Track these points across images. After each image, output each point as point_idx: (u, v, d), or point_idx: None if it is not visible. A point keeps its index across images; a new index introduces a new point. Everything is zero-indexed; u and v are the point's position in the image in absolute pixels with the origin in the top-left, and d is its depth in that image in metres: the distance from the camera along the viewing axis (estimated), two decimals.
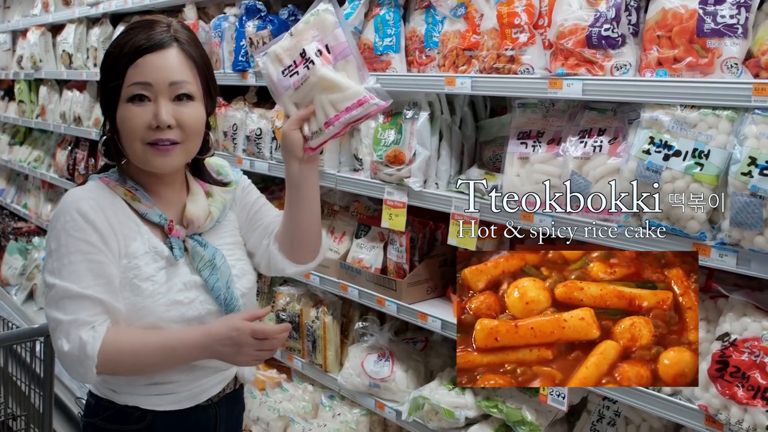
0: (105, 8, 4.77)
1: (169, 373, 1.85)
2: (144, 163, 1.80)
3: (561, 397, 2.31)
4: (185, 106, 1.77)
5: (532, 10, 2.28)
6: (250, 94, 3.76)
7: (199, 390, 1.91)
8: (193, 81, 1.79)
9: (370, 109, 1.75)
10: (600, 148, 2.14)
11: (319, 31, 1.81)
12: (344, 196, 3.39)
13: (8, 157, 6.85)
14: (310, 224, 1.97)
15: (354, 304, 3.33)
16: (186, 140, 1.79)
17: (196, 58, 1.81)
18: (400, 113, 2.73)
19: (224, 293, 1.85)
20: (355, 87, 1.76)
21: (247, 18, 3.38)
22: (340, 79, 1.76)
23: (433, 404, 2.67)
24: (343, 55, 1.79)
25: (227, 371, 1.98)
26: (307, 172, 1.89)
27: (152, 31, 1.77)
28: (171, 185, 1.90)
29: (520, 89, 2.29)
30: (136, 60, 1.74)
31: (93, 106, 5.24)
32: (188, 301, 1.81)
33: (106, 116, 1.83)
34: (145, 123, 1.74)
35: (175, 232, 1.84)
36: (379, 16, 2.83)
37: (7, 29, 6.50)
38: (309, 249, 2.02)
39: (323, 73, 1.76)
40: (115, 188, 1.83)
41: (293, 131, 1.83)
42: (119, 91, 1.75)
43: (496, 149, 2.74)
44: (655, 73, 2.01)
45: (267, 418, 3.37)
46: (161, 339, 1.75)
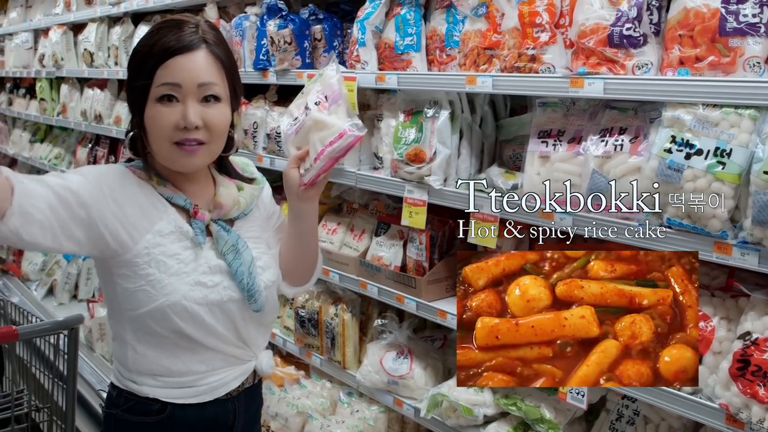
0: (126, 7, 4.80)
1: (187, 363, 1.87)
2: (170, 163, 1.83)
3: (581, 396, 2.31)
4: (212, 108, 1.80)
5: (554, 10, 2.29)
6: (271, 93, 3.78)
7: (218, 383, 1.93)
8: (220, 82, 1.81)
9: (348, 140, 1.87)
10: (621, 146, 2.14)
11: (321, 86, 2.01)
12: (363, 194, 3.40)
13: (29, 154, 6.91)
14: (307, 254, 2.10)
15: (373, 302, 3.35)
16: (211, 141, 1.82)
17: (223, 59, 1.83)
18: (421, 112, 2.74)
19: (246, 279, 1.88)
20: (338, 124, 1.90)
21: (268, 17, 3.39)
22: (328, 118, 1.92)
23: (452, 401, 2.69)
24: (335, 101, 1.96)
25: (246, 364, 2.00)
26: (305, 206, 2.00)
27: (181, 32, 1.78)
28: (195, 181, 1.93)
29: (542, 88, 2.30)
30: (166, 61, 1.76)
31: (113, 104, 5.29)
32: (212, 284, 1.84)
33: (133, 113, 1.85)
34: (173, 123, 1.76)
35: (199, 215, 1.87)
36: (400, 15, 2.84)
37: (29, 28, 6.55)
38: (304, 275, 2.15)
39: (316, 115, 1.93)
40: (140, 175, 1.87)
41: (291, 170, 1.96)
42: (148, 90, 1.77)
43: (516, 148, 2.75)
44: (676, 72, 2.02)
45: (285, 414, 3.39)
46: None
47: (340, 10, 3.42)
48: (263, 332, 2.04)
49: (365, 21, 2.90)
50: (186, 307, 1.80)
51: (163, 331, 1.83)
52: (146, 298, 1.79)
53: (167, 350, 1.86)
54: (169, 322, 1.81)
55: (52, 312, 5.55)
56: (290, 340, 3.60)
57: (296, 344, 3.54)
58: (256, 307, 1.90)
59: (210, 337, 1.87)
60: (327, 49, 3.29)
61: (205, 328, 1.85)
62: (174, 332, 1.83)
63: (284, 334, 3.67)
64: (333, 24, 3.29)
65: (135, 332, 1.86)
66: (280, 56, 3.31)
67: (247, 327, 1.95)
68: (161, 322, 1.82)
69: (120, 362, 1.93)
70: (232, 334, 1.92)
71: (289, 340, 3.61)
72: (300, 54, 3.28)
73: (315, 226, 2.09)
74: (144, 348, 1.87)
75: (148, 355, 1.87)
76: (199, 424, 1.93)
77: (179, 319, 1.81)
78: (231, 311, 1.89)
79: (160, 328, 1.83)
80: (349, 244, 3.26)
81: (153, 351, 1.86)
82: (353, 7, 3.19)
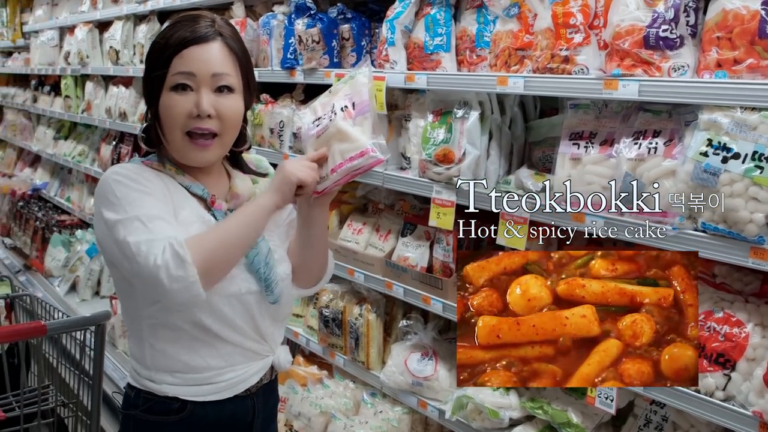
0: (153, 5, 4.83)
1: (206, 358, 1.88)
2: (182, 155, 1.86)
3: (609, 400, 2.29)
4: (225, 98, 1.83)
5: (588, 11, 2.27)
6: (297, 92, 3.78)
7: (237, 380, 1.94)
8: (234, 74, 1.85)
9: (369, 160, 1.83)
10: (655, 149, 2.13)
11: (350, 90, 1.95)
12: (389, 194, 3.39)
13: (53, 151, 6.96)
14: (315, 258, 2.06)
15: (397, 303, 3.33)
16: (224, 131, 1.85)
17: (238, 52, 1.87)
18: (450, 112, 2.73)
19: (263, 269, 1.89)
20: (362, 140, 1.85)
21: (296, 16, 3.39)
22: (353, 131, 1.87)
23: (478, 404, 2.67)
24: (363, 112, 1.89)
25: (264, 360, 2.00)
26: (316, 211, 1.97)
27: (197, 24, 1.83)
28: (209, 173, 1.96)
29: (575, 90, 2.28)
30: (181, 51, 1.80)
31: (138, 102, 5.31)
32: (230, 275, 1.84)
33: (149, 105, 1.88)
34: (186, 111, 1.80)
35: (217, 204, 1.90)
36: (429, 15, 2.83)
37: (55, 26, 6.60)
38: (311, 278, 2.10)
39: (340, 125, 1.88)
40: (158, 167, 1.89)
41: None
42: (163, 80, 1.81)
43: (545, 150, 2.73)
44: (714, 74, 1.99)
45: (309, 414, 3.39)
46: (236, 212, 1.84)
47: (368, 9, 3.42)
48: (279, 327, 2.04)
49: (395, 20, 2.89)
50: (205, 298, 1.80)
51: (182, 323, 1.83)
52: None
53: (185, 345, 1.86)
54: (188, 314, 1.82)
55: (75, 308, 5.58)
56: (314, 340, 3.59)
57: (320, 344, 3.54)
58: (273, 298, 1.92)
59: (228, 329, 1.88)
60: (355, 49, 3.29)
61: (224, 320, 1.86)
62: (192, 324, 1.83)
63: (308, 334, 3.67)
64: (361, 23, 3.29)
65: (152, 328, 1.87)
66: (307, 55, 3.30)
67: (264, 321, 1.95)
68: (180, 314, 1.82)
69: (137, 361, 1.94)
70: (249, 327, 1.92)
71: (312, 339, 3.61)
72: (328, 53, 3.28)
73: (324, 232, 2.05)
74: (162, 344, 1.87)
75: (166, 351, 1.87)
76: (218, 422, 1.93)
77: (197, 309, 1.81)
78: (248, 303, 1.89)
79: (179, 320, 1.83)
80: (375, 244, 3.25)
81: (171, 346, 1.87)
82: (381, 7, 3.18)
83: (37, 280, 6.38)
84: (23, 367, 2.89)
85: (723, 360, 2.02)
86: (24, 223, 7.10)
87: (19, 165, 8.61)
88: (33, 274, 6.54)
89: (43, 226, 6.65)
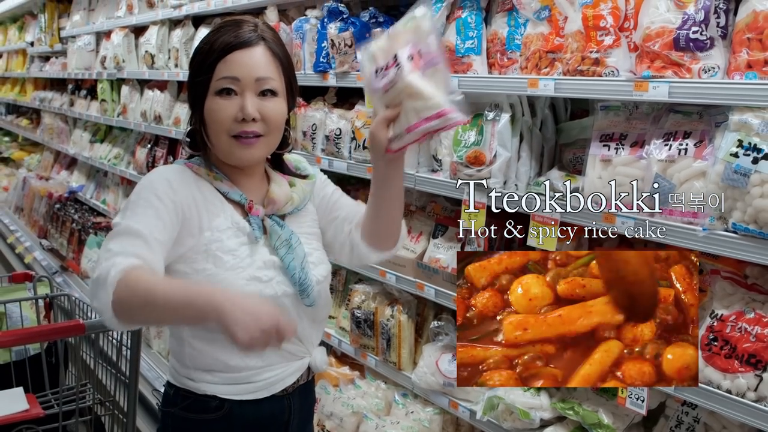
0: (188, 10, 4.89)
1: (244, 358, 1.90)
2: (228, 155, 1.89)
3: (640, 401, 2.30)
4: (269, 101, 1.86)
5: (618, 13, 2.28)
6: (330, 95, 3.82)
7: (275, 379, 1.96)
8: (277, 78, 1.88)
9: (448, 122, 1.74)
10: (685, 151, 2.13)
11: (413, 36, 1.80)
12: (421, 196, 3.42)
13: (89, 154, 7.07)
14: (392, 216, 2.02)
15: (429, 304, 3.36)
16: (268, 133, 1.88)
17: (280, 56, 1.90)
18: (481, 114, 2.75)
19: (299, 273, 1.90)
20: (437, 98, 1.74)
21: (329, 20, 3.43)
22: (425, 87, 1.75)
23: (508, 404, 2.69)
24: (432, 64, 1.78)
25: (301, 361, 2.02)
26: (392, 170, 1.93)
27: (240, 30, 1.86)
28: (251, 176, 1.99)
29: (605, 91, 2.29)
30: (226, 56, 1.83)
31: (173, 105, 5.38)
32: (267, 279, 1.87)
33: (193, 109, 1.92)
34: (232, 115, 1.83)
35: (254, 210, 1.92)
36: (461, 18, 2.85)
37: (92, 31, 6.70)
38: (390, 237, 2.07)
39: (410, 80, 1.75)
40: (198, 171, 1.92)
41: (380, 131, 1.83)
42: (208, 84, 1.84)
43: (576, 151, 2.74)
44: (744, 75, 2.00)
45: (340, 414, 3.42)
46: (176, 286, 1.65)
47: (400, 13, 3.43)
48: (317, 328, 2.06)
49: None
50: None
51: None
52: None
53: (224, 344, 1.88)
54: None
55: None
56: (345, 341, 3.63)
57: (351, 345, 3.57)
58: (309, 301, 1.93)
59: None
60: None
61: None
62: None
63: (339, 335, 3.70)
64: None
65: (191, 328, 1.90)
66: (340, 59, 3.34)
67: (302, 322, 1.97)
68: None
69: (177, 359, 1.97)
70: None
71: (344, 340, 3.64)
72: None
73: (401, 187, 1.98)
74: (201, 344, 1.90)
75: (204, 351, 1.90)
76: (256, 421, 1.96)
77: None
78: (285, 306, 1.91)
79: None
80: (406, 245, 3.27)
81: (210, 346, 1.90)
82: None
83: (73, 280, 6.48)
84: (62, 366, 2.95)
85: (755, 361, 2.01)
86: (61, 225, 7.22)
87: (55, 168, 8.76)
88: (69, 275, 6.65)
89: (80, 228, 6.75)
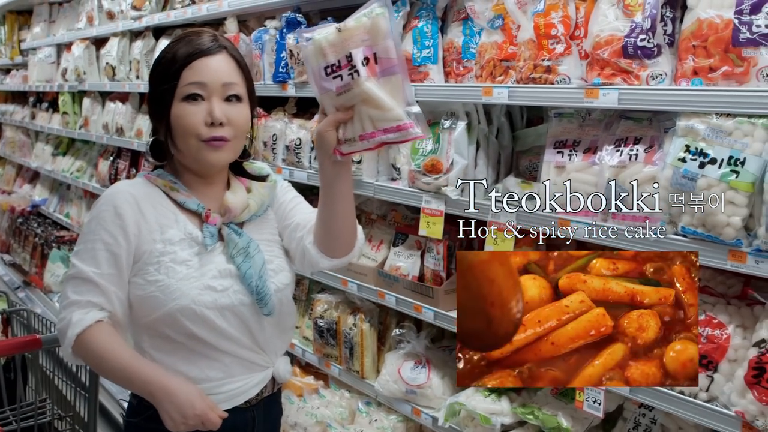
0: (148, 22, 4.88)
1: (204, 369, 1.91)
2: (196, 160, 1.91)
3: (597, 404, 2.32)
4: (235, 106, 1.89)
5: (569, 21, 2.31)
6: (290, 105, 3.82)
7: (237, 391, 1.96)
8: (241, 83, 1.92)
9: (408, 136, 1.70)
10: (636, 156, 2.17)
11: (369, 36, 1.70)
12: (381, 205, 3.43)
13: (51, 167, 7.00)
14: (343, 220, 1.96)
15: (391, 312, 3.37)
16: (235, 138, 1.90)
17: (242, 64, 1.94)
18: (438, 123, 2.77)
19: (256, 282, 1.90)
20: (397, 110, 1.69)
21: (287, 30, 3.44)
22: (384, 97, 1.69)
23: (470, 410, 2.70)
24: (390, 72, 1.71)
25: (265, 372, 2.02)
26: (340, 170, 1.87)
27: (201, 39, 1.90)
28: (213, 184, 2.00)
29: (557, 99, 2.32)
30: (191, 62, 1.86)
31: (135, 117, 5.36)
32: (222, 288, 1.88)
33: (157, 119, 1.92)
34: (201, 120, 1.85)
35: (211, 219, 1.93)
36: (417, 28, 2.87)
37: (53, 43, 6.65)
38: (343, 244, 2.01)
39: (367, 87, 1.69)
40: (155, 181, 1.94)
41: (328, 132, 1.78)
42: (173, 92, 1.86)
43: (532, 158, 2.77)
44: (690, 82, 2.04)
45: (305, 424, 3.41)
46: (125, 359, 1.81)
47: None
48: (281, 337, 2.06)
49: None
50: (195, 311, 1.84)
51: (178, 336, 1.88)
52: (156, 303, 1.84)
53: (183, 356, 1.90)
54: (181, 327, 1.86)
55: None
56: (309, 350, 3.63)
57: (315, 354, 3.57)
58: (267, 310, 1.93)
59: (224, 340, 1.91)
60: None
61: (218, 332, 1.89)
62: (188, 337, 1.87)
63: (303, 344, 3.70)
64: None
65: (151, 339, 1.91)
66: (299, 69, 3.35)
67: (263, 332, 1.98)
68: (174, 327, 1.86)
69: None
70: (246, 338, 1.95)
71: (308, 350, 3.64)
72: None
73: (350, 189, 1.94)
74: (161, 355, 1.91)
75: (164, 363, 1.90)
76: None
77: (190, 323, 1.85)
78: (244, 315, 1.92)
79: (174, 333, 1.87)
80: (368, 254, 3.28)
81: (169, 358, 1.90)
82: None
83: (36, 295, 6.41)
84: (20, 382, 2.92)
85: (706, 362, 2.05)
86: (23, 240, 7.15)
87: (18, 181, 8.66)
88: (32, 290, 6.58)
89: (43, 242, 6.69)
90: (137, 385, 1.81)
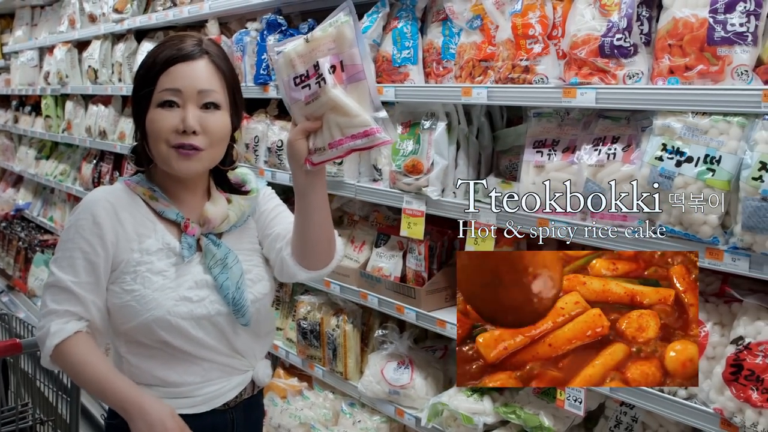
0: (129, 24, 4.87)
1: (182, 374, 1.91)
2: (167, 166, 1.87)
3: (578, 402, 2.33)
4: (211, 114, 1.85)
5: (546, 22, 2.32)
6: (272, 107, 3.82)
7: (215, 394, 1.96)
8: (220, 91, 1.87)
9: (375, 141, 1.70)
10: (614, 155, 2.17)
11: (335, 45, 1.72)
12: (364, 206, 3.43)
13: (35, 171, 6.97)
14: (319, 230, 1.92)
15: (374, 313, 3.37)
16: (209, 147, 1.86)
17: (224, 70, 1.89)
18: (418, 124, 2.78)
19: (233, 293, 1.89)
20: (363, 116, 1.70)
21: (268, 32, 3.44)
22: (350, 104, 1.70)
23: (452, 410, 2.70)
24: (356, 79, 1.72)
25: (244, 375, 2.02)
26: (313, 180, 1.84)
27: (183, 43, 1.87)
28: (193, 191, 1.97)
29: (535, 98, 2.33)
30: (168, 68, 1.83)
31: (117, 120, 5.34)
32: (198, 299, 1.87)
33: (137, 123, 1.91)
34: (173, 126, 1.81)
35: (190, 229, 1.91)
36: (397, 29, 2.88)
37: (35, 46, 6.63)
38: (320, 256, 1.97)
39: (334, 95, 1.70)
40: (135, 189, 1.92)
41: (298, 141, 1.77)
42: (150, 97, 1.84)
43: (512, 158, 2.78)
44: (666, 81, 2.05)
45: (288, 426, 3.41)
46: (102, 373, 1.82)
47: None
48: (260, 342, 2.06)
49: (363, 34, 2.93)
50: (171, 322, 1.84)
51: (154, 344, 1.87)
52: (132, 313, 1.84)
53: (160, 362, 1.89)
54: (156, 336, 1.85)
55: None
56: (293, 352, 3.62)
57: (299, 356, 3.57)
58: (244, 321, 1.92)
59: (200, 349, 1.90)
60: None
61: (194, 341, 1.88)
62: (164, 345, 1.87)
63: (287, 346, 3.70)
64: None
65: (127, 345, 1.91)
66: None
67: (240, 338, 1.97)
68: (149, 336, 1.86)
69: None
70: (224, 346, 1.94)
71: (291, 351, 3.64)
72: None
73: (325, 201, 1.90)
74: (137, 360, 1.90)
75: (142, 367, 1.90)
76: None
77: (165, 333, 1.85)
78: (220, 324, 1.91)
79: (150, 341, 1.87)
80: (350, 255, 3.28)
81: (146, 363, 1.90)
82: None
83: (20, 300, 6.38)
84: (1, 386, 2.91)
85: None
86: (7, 244, 7.11)
87: (1, 185, 8.61)
88: (16, 295, 6.55)
89: (26, 246, 6.66)
90: (111, 399, 1.82)
